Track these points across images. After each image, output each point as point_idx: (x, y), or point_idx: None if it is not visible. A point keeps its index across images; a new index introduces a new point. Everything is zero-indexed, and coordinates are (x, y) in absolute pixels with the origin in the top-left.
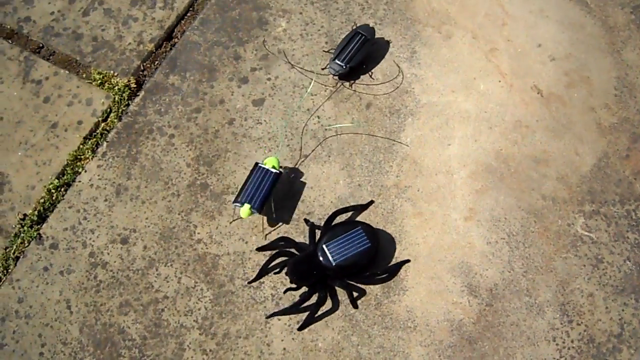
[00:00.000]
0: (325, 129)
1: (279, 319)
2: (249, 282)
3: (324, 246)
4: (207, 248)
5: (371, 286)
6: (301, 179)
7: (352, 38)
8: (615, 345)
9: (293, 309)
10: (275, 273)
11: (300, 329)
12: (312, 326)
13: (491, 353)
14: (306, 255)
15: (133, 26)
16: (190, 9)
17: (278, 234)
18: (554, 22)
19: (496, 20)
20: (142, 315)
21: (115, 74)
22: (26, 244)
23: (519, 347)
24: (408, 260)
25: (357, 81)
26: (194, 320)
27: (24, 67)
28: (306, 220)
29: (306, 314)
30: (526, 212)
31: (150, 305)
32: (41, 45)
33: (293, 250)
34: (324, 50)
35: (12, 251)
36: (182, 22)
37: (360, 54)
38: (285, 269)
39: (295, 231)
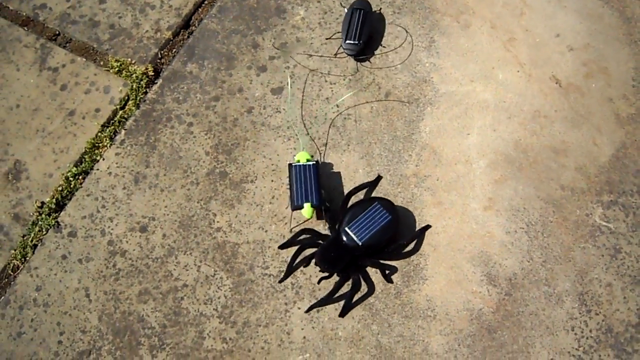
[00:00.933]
0: (345, 118)
1: (299, 307)
2: (280, 281)
3: (346, 229)
4: (226, 236)
5: (390, 276)
6: (321, 168)
7: (352, 16)
8: (633, 335)
9: (330, 298)
10: (304, 266)
11: (342, 315)
12: (332, 314)
13: (510, 342)
14: (331, 241)
15: (150, 14)
16: None
17: (297, 223)
18: (572, 12)
19: (514, 9)
20: (161, 304)
21: (133, 61)
22: (44, 232)
23: (538, 337)
24: (429, 226)
25: (374, 70)
26: (213, 309)
27: (40, 55)
28: (324, 209)
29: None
30: (545, 202)
31: (169, 293)
32: (57, 32)
33: (316, 240)
34: (326, 38)
35: (30, 239)
36: (200, 9)
37: (366, 28)
38: (314, 260)
39: (316, 220)
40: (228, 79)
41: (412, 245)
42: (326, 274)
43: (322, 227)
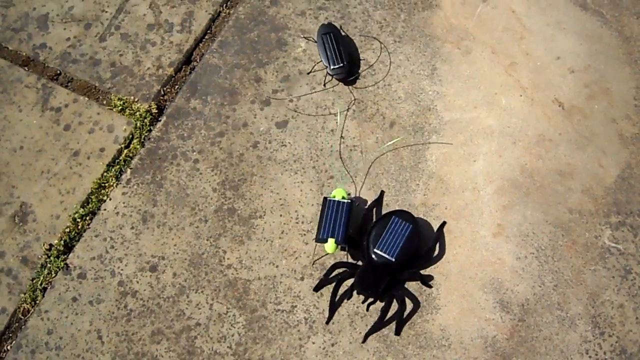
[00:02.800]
0: (351, 150)
1: (313, 342)
2: (327, 322)
3: (375, 250)
4: (237, 273)
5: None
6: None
7: (324, 42)
8: None
9: (382, 322)
10: (347, 299)
11: (397, 333)
12: (346, 347)
13: None
14: (366, 267)
15: (151, 50)
16: (208, 31)
17: (319, 256)
18: (572, 34)
19: (514, 34)
20: (175, 343)
21: (136, 99)
22: (53, 275)
23: None
24: (444, 223)
25: (378, 100)
26: (227, 347)
27: (42, 95)
28: (347, 240)
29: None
30: (554, 226)
31: (182, 332)
32: (58, 72)
33: (349, 272)
34: (307, 73)
35: (40, 282)
36: (201, 45)
37: (343, 48)
38: (354, 291)
39: (336, 254)
40: (232, 114)
41: (437, 249)
42: (371, 300)
43: (347, 258)
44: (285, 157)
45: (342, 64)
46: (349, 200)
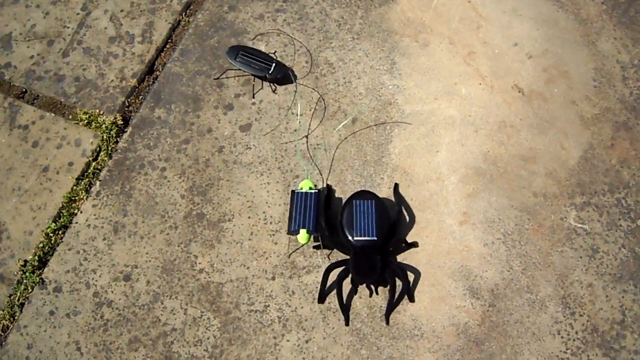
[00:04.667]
0: (315, 148)
1: (288, 340)
2: (346, 324)
3: (356, 238)
4: (209, 277)
5: (375, 298)
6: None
7: (242, 61)
8: (619, 332)
9: (394, 299)
10: (355, 294)
11: (387, 317)
12: (321, 343)
13: (499, 352)
14: (355, 257)
15: (114, 63)
16: (169, 40)
17: (295, 247)
18: (528, 20)
19: (471, 23)
20: (152, 350)
21: (101, 112)
22: (30, 290)
23: (525, 344)
24: (397, 185)
25: (339, 97)
26: (204, 350)
27: (9, 114)
28: (323, 241)
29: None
30: (519, 211)
31: (159, 339)
32: (24, 90)
33: (344, 270)
34: (215, 79)
35: (17, 298)
36: (162, 54)
37: (260, 53)
38: (357, 285)
39: (308, 248)
40: (196, 121)
41: (404, 210)
42: (375, 285)
43: (321, 249)
44: (250, 160)
45: (274, 64)
46: (317, 190)
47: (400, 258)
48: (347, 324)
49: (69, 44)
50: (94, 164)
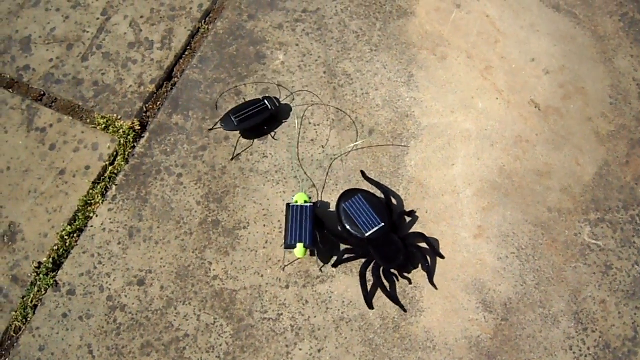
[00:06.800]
0: (331, 158)
1: (300, 349)
2: (403, 308)
3: (367, 234)
4: (223, 284)
5: (388, 310)
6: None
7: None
8: (631, 349)
9: (431, 265)
10: (393, 283)
11: (433, 282)
12: (333, 353)
13: None
14: (377, 249)
15: (133, 68)
16: (188, 47)
17: (289, 262)
18: (545, 36)
19: (489, 38)
20: (164, 355)
21: (119, 117)
22: (43, 292)
23: (537, 359)
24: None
25: (357, 109)
26: (216, 357)
27: (27, 116)
28: (314, 242)
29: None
30: (533, 226)
31: (171, 344)
32: (43, 92)
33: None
34: (209, 129)
35: (30, 300)
36: (181, 61)
37: (249, 104)
38: (386, 270)
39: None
40: (219, 108)
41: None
42: (407, 262)
43: (317, 261)
44: (267, 168)
45: (266, 100)
46: (311, 204)
47: (414, 271)
48: (405, 310)
49: (89, 49)
50: (110, 168)
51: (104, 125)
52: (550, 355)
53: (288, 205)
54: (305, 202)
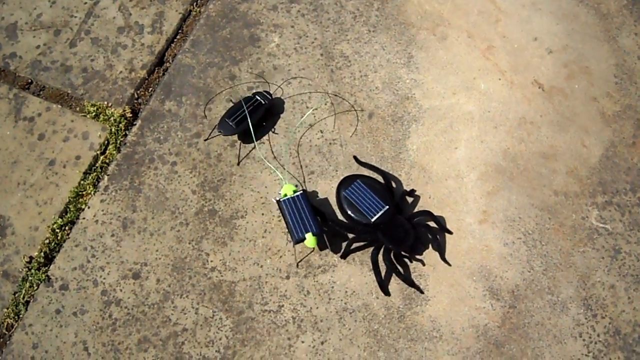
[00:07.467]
0: (330, 143)
1: (303, 342)
2: (416, 287)
3: (373, 219)
4: (221, 276)
5: (392, 299)
6: (312, 197)
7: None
8: None
9: (440, 242)
10: (405, 267)
11: (443, 258)
12: (337, 345)
13: (519, 355)
14: (384, 233)
15: (123, 54)
16: (180, 31)
17: (304, 255)
18: (548, 14)
19: (489, 17)
20: (162, 351)
21: (109, 104)
22: (35, 287)
23: (546, 347)
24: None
25: (355, 92)
26: (216, 351)
27: (14, 105)
28: (322, 228)
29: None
30: (540, 210)
31: (169, 339)
32: (30, 80)
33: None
34: (205, 140)
35: (22, 296)
36: (173, 45)
37: (251, 112)
38: (397, 253)
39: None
40: (208, 114)
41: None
42: (417, 247)
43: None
44: (263, 155)
45: (257, 95)
46: (301, 191)
47: (414, 263)
48: (422, 292)
49: (77, 34)
50: (102, 157)
51: (94, 113)
52: (560, 342)
53: (278, 201)
54: (294, 192)
